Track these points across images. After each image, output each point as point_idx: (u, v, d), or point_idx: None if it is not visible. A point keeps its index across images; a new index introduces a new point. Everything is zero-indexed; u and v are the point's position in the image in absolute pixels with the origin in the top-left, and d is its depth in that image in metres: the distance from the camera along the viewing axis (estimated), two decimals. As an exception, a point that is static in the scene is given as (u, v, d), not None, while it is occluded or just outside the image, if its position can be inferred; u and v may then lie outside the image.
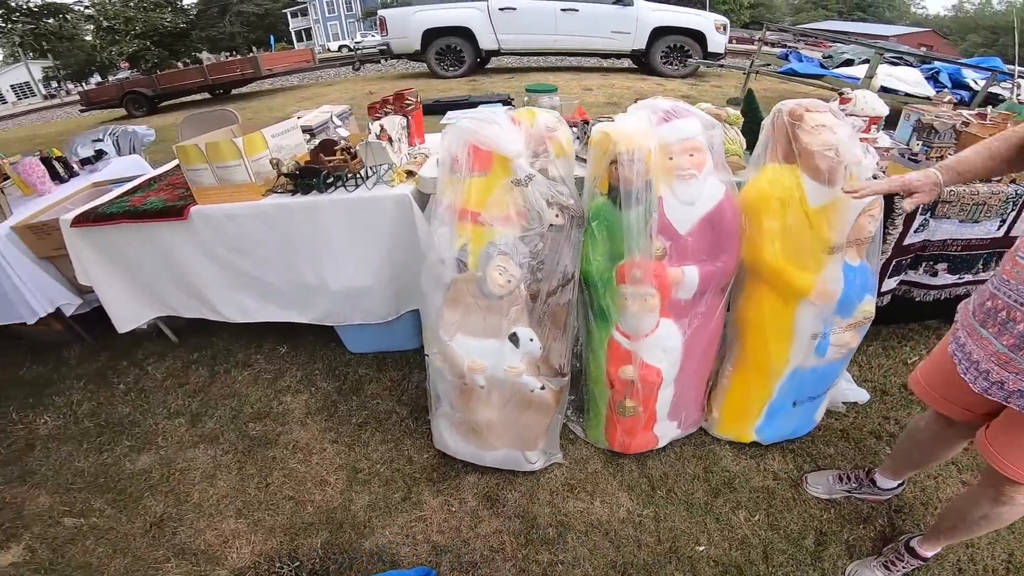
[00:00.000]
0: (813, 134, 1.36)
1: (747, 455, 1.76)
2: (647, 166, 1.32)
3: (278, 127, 1.95)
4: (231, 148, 1.76)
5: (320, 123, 2.33)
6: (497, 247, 1.38)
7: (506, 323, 1.48)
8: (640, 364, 1.54)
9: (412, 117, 2.13)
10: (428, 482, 1.74)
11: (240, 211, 1.86)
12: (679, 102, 1.43)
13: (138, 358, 2.44)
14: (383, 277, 1.95)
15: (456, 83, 7.89)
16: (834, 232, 1.41)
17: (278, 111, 7.66)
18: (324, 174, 1.83)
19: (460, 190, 1.42)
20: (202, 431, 2.01)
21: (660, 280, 1.44)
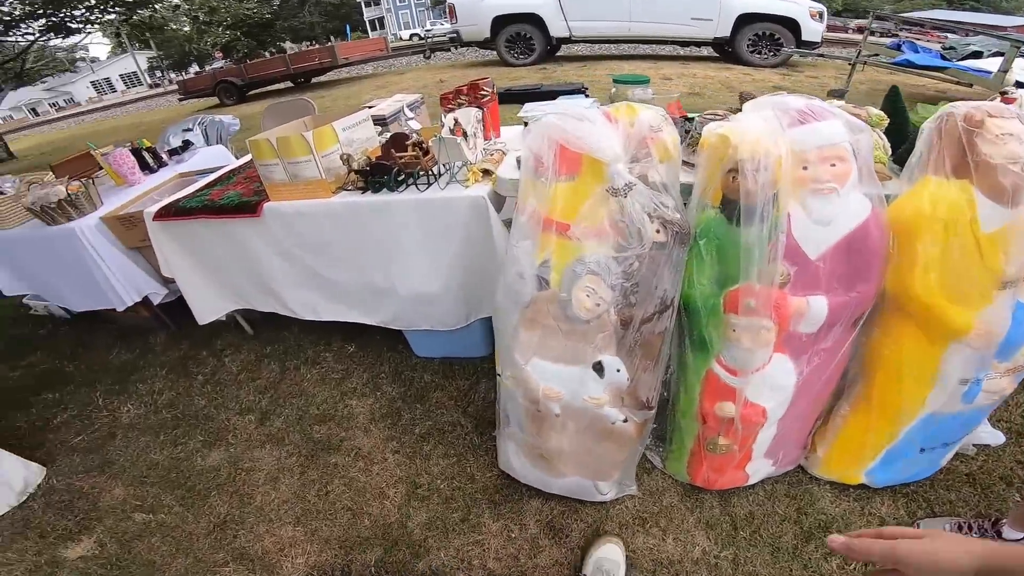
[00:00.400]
0: (996, 144, 1.05)
1: (850, 497, 1.51)
2: (775, 177, 1.07)
3: (349, 119, 1.83)
4: (301, 143, 1.65)
5: (393, 112, 2.21)
6: (586, 265, 1.18)
7: (591, 350, 1.29)
8: (743, 402, 1.31)
9: (488, 109, 1.95)
10: (489, 504, 1.61)
11: (310, 209, 1.77)
12: (814, 100, 1.15)
13: (216, 348, 2.48)
14: (453, 284, 1.80)
15: (526, 71, 7.65)
16: (1011, 263, 1.11)
17: (354, 99, 7.80)
18: (395, 171, 1.70)
19: (544, 196, 1.23)
20: (269, 430, 1.98)
21: (780, 311, 1.18)
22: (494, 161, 1.70)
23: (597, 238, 1.17)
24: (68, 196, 2.08)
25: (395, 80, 9.27)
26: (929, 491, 1.50)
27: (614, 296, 1.21)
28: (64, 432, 2.15)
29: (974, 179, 1.09)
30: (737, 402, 1.31)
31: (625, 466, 1.53)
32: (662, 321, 1.26)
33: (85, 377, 2.48)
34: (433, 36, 13.29)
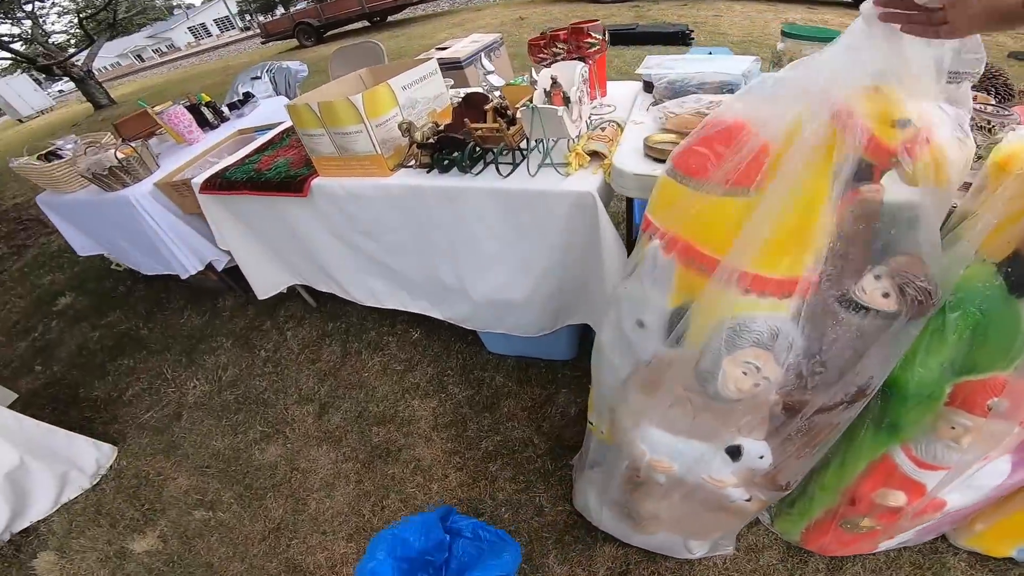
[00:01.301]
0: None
1: (988, 569, 1.19)
2: None
3: (410, 74, 1.39)
4: (349, 110, 1.25)
5: (469, 55, 1.76)
6: (753, 333, 0.74)
7: (728, 433, 0.89)
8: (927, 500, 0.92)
9: (595, 62, 1.43)
10: (556, 544, 1.36)
11: (364, 190, 1.40)
12: None
13: (280, 320, 2.30)
14: (542, 292, 1.40)
15: (617, 8, 6.64)
16: None
17: (428, 39, 7.23)
18: (470, 148, 1.28)
19: (694, 214, 0.79)
20: (327, 427, 1.79)
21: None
22: (607, 138, 1.21)
23: (782, 296, 0.72)
24: (119, 162, 1.82)
25: (472, 17, 8.52)
26: None
27: (783, 376, 0.77)
28: (135, 407, 2.09)
29: None
30: (916, 496, 0.93)
31: (729, 530, 1.21)
32: (849, 411, 0.82)
33: (158, 342, 2.41)
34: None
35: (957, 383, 0.78)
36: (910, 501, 0.95)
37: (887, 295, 0.69)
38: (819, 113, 0.66)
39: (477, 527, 1.21)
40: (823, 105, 0.66)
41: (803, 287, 0.70)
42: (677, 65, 1.28)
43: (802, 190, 0.67)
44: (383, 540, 1.13)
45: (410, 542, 1.13)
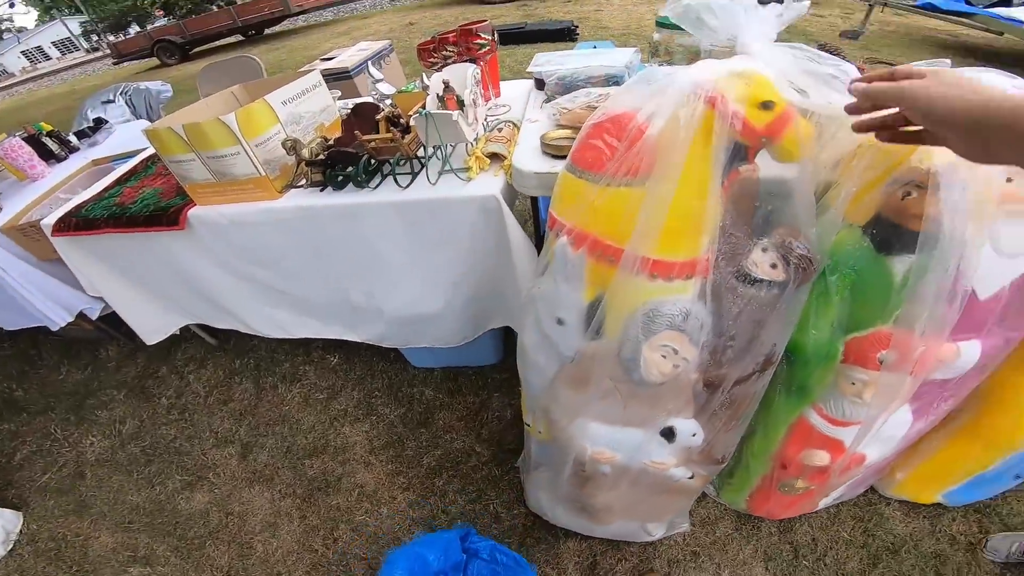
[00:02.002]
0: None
1: (920, 516, 1.33)
2: (983, 195, 0.66)
3: (292, 87, 1.28)
4: (221, 130, 1.12)
5: (357, 64, 1.67)
6: (666, 317, 0.76)
7: (660, 416, 0.91)
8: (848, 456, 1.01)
9: (487, 63, 1.41)
10: (521, 548, 1.36)
11: (251, 216, 1.27)
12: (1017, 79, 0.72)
13: (177, 364, 2.06)
14: (457, 301, 1.36)
15: (505, 9, 6.75)
16: None
17: (312, 49, 6.89)
18: (365, 161, 1.21)
19: (596, 208, 0.79)
20: (255, 467, 1.66)
21: (924, 364, 0.81)
22: (504, 139, 1.19)
23: (684, 278, 0.74)
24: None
25: (359, 25, 8.24)
26: (1002, 506, 1.33)
27: (700, 356, 0.80)
28: (29, 470, 1.83)
29: None
30: (837, 453, 1.00)
31: (680, 509, 1.27)
32: (762, 379, 0.87)
33: (38, 403, 2.09)
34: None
35: (848, 340, 0.85)
36: (833, 459, 1.02)
37: (775, 265, 0.74)
38: (695, 100, 0.68)
39: (495, 549, 1.20)
40: (698, 92, 0.69)
41: (702, 267, 0.73)
42: (565, 61, 1.30)
43: (688, 175, 0.69)
44: (403, 556, 1.10)
45: (428, 561, 1.11)
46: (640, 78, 0.78)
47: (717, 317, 0.78)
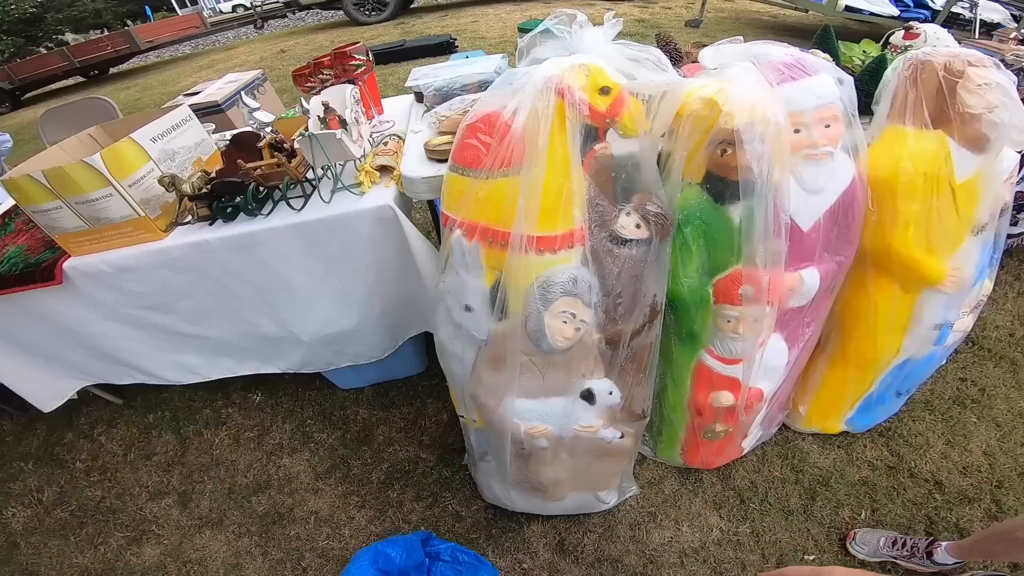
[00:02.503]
0: (977, 94, 0.93)
1: (835, 446, 1.49)
2: (776, 146, 0.83)
3: (159, 124, 1.24)
4: (88, 173, 1.06)
5: (227, 97, 1.62)
6: (559, 285, 0.86)
7: (575, 380, 1.01)
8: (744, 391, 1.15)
9: (365, 82, 1.45)
10: (487, 540, 1.39)
11: (136, 260, 1.21)
12: (798, 51, 0.91)
13: (83, 427, 1.87)
14: (372, 314, 1.38)
15: (383, 28, 6.67)
16: (983, 208, 1.04)
17: (172, 85, 6.33)
18: (252, 188, 1.20)
19: (481, 200, 0.87)
20: (199, 513, 1.56)
21: (776, 293, 0.98)
22: (391, 152, 1.24)
23: (566, 248, 0.84)
24: None
25: (223, 57, 7.66)
26: (900, 426, 1.52)
27: (596, 315, 0.91)
28: None
29: (953, 129, 0.97)
30: (739, 391, 1.15)
31: (624, 471, 1.36)
32: (653, 329, 1.00)
33: None
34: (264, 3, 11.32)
35: (715, 283, 1.01)
36: (736, 396, 1.17)
37: (639, 225, 0.87)
38: (548, 93, 0.79)
39: (456, 550, 1.23)
40: (549, 86, 0.79)
41: (580, 236, 0.84)
42: (440, 72, 1.39)
43: (552, 159, 0.80)
44: (367, 552, 1.15)
45: (392, 557, 1.14)
46: (502, 79, 0.88)
47: (602, 278, 0.89)
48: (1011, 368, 1.68)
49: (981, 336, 1.79)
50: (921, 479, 1.42)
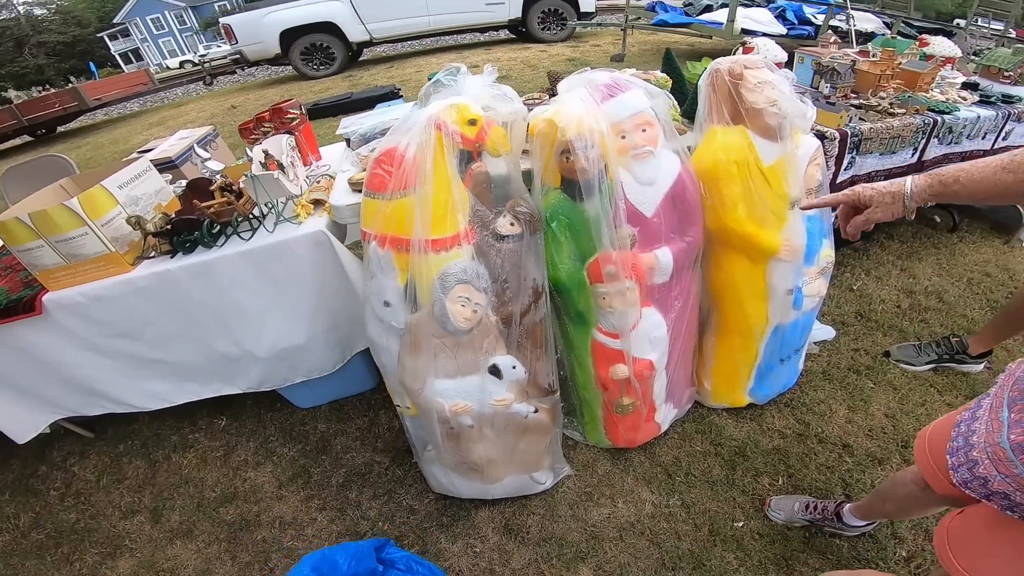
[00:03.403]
0: (757, 92, 1.23)
1: (747, 418, 1.68)
2: (602, 151, 1.12)
3: (124, 174, 1.47)
4: (67, 215, 1.29)
5: (180, 153, 1.85)
6: (453, 276, 1.11)
7: (482, 356, 1.24)
8: (632, 361, 1.37)
9: (300, 133, 1.73)
10: (439, 528, 1.52)
11: (107, 290, 1.42)
12: (616, 72, 1.22)
13: (56, 460, 1.98)
14: (319, 329, 1.60)
15: (332, 81, 7.07)
16: (791, 187, 1.31)
17: (124, 143, 6.46)
18: (207, 224, 1.43)
19: (390, 216, 1.13)
20: (171, 526, 1.67)
21: (636, 270, 1.25)
22: (323, 188, 1.51)
23: (457, 247, 1.11)
24: None
25: (173, 114, 7.82)
26: (802, 396, 1.71)
27: (488, 298, 1.17)
28: None
29: (748, 123, 1.26)
30: (628, 362, 1.37)
31: (552, 451, 1.52)
32: (539, 309, 1.25)
33: None
34: (211, 60, 11.64)
35: (587, 267, 1.26)
36: (630, 367, 1.37)
37: (512, 224, 1.14)
38: (430, 128, 1.07)
39: (411, 560, 1.27)
40: (431, 122, 1.07)
41: (465, 236, 1.10)
42: (365, 120, 1.68)
43: (438, 179, 1.07)
44: (311, 558, 1.14)
45: (338, 564, 1.13)
46: (400, 122, 1.16)
47: (489, 268, 1.15)
48: (900, 336, 1.92)
49: (869, 310, 2.05)
50: (830, 444, 1.57)
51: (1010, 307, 1.61)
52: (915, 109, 1.84)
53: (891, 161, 1.88)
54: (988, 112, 1.93)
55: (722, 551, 1.36)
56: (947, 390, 1.71)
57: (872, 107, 1.81)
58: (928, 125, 1.84)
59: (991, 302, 2.08)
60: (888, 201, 0.83)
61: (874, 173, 1.90)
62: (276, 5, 7.04)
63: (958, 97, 2.02)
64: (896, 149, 1.83)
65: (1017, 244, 2.41)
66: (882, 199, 0.83)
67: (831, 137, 1.70)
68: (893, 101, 1.87)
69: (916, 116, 1.83)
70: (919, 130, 1.83)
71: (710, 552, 1.36)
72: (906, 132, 1.81)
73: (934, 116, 1.85)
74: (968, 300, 2.09)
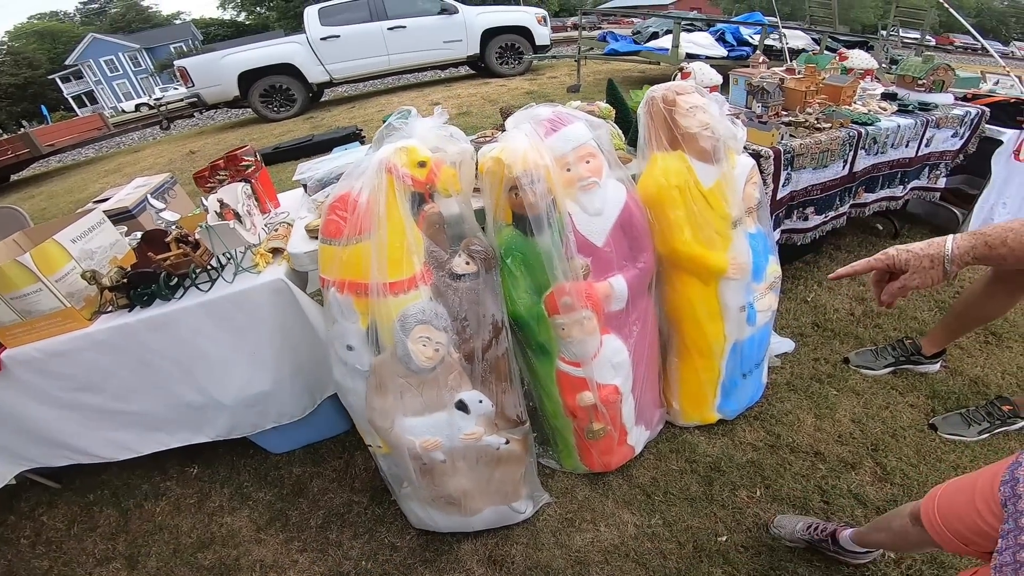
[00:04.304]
0: (690, 116, 1.30)
1: (719, 434, 1.70)
2: (548, 185, 1.17)
3: (77, 227, 1.46)
4: (20, 271, 1.28)
5: (137, 202, 1.83)
6: (412, 317, 1.13)
7: (447, 393, 1.25)
8: (596, 387, 1.40)
9: (256, 180, 1.73)
10: (423, 564, 1.50)
11: (65, 345, 1.39)
12: (558, 107, 1.27)
13: (24, 510, 1.90)
14: (285, 374, 1.58)
15: (293, 123, 7.04)
16: (732, 207, 1.38)
17: (79, 192, 6.25)
18: (164, 277, 1.41)
19: (347, 262, 1.15)
20: (148, 571, 1.61)
21: (592, 300, 1.29)
22: (281, 236, 1.52)
23: (415, 288, 1.13)
24: None
25: (130, 160, 7.63)
26: (770, 408, 1.76)
27: (449, 337, 1.19)
28: None
29: (684, 148, 1.33)
30: (592, 389, 1.39)
31: (528, 480, 1.52)
32: (500, 343, 1.27)
33: None
34: (167, 103, 11.49)
35: (544, 300, 1.29)
36: (595, 393, 1.39)
37: (468, 263, 1.17)
38: (380, 172, 1.10)
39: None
40: (381, 167, 1.10)
41: (422, 277, 1.13)
42: (321, 165, 1.70)
43: (392, 223, 1.10)
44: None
45: None
46: (352, 167, 1.19)
47: (448, 306, 1.17)
48: (857, 343, 2.00)
49: (824, 320, 2.14)
50: (802, 453, 1.60)
51: (956, 307, 1.70)
52: (840, 123, 1.96)
53: (824, 175, 1.99)
54: (907, 121, 2.06)
55: (709, 567, 1.37)
56: (908, 391, 1.78)
57: (800, 123, 1.93)
58: (853, 137, 1.96)
59: (939, 303, 2.19)
60: (926, 265, 0.75)
61: (810, 187, 2.01)
62: (233, 47, 7.05)
63: (879, 108, 2.15)
64: (827, 163, 1.94)
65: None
66: (920, 263, 0.75)
67: (766, 155, 1.80)
68: (819, 116, 1.99)
69: (841, 130, 1.94)
70: (846, 143, 1.95)
71: (697, 569, 1.37)
72: (834, 145, 1.92)
73: (858, 128, 1.96)
74: (917, 303, 2.20)
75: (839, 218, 2.19)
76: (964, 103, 2.31)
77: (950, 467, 1.52)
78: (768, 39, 4.97)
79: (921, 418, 1.69)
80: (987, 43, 3.58)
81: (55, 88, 35.66)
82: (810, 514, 1.44)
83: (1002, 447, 1.58)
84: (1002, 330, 2.03)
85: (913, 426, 1.66)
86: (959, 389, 1.78)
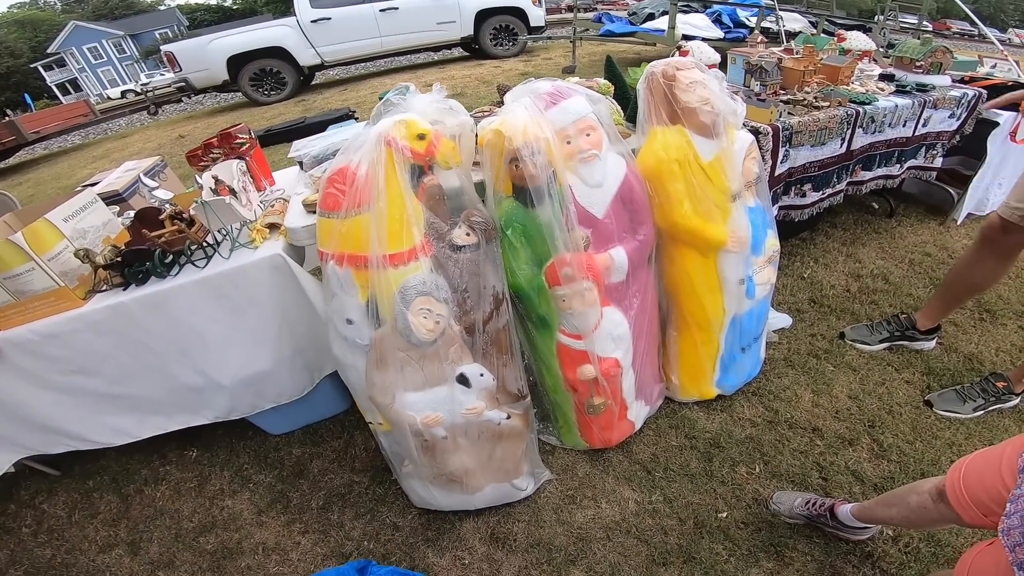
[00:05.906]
0: (690, 91, 1.30)
1: (718, 410, 1.72)
2: (549, 157, 1.17)
3: (68, 206, 1.44)
4: (12, 250, 1.26)
5: (127, 185, 1.80)
6: (413, 288, 1.14)
7: (448, 366, 1.25)
8: (597, 360, 1.40)
9: (251, 158, 1.71)
10: (425, 543, 1.51)
11: (60, 327, 1.37)
12: (558, 81, 1.27)
13: (24, 499, 1.90)
14: (284, 353, 1.57)
15: (284, 107, 6.95)
16: (731, 181, 1.39)
17: (66, 178, 6.17)
18: (159, 254, 1.40)
19: (346, 235, 1.14)
20: (151, 557, 1.61)
21: (592, 271, 1.29)
22: (277, 212, 1.51)
23: (415, 260, 1.13)
24: None
25: (118, 146, 7.52)
26: (768, 384, 1.77)
27: (450, 308, 1.19)
28: None
29: (684, 122, 1.33)
30: (593, 362, 1.40)
31: (529, 457, 1.53)
32: (501, 316, 1.27)
33: None
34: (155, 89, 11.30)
35: (545, 271, 1.29)
36: (596, 367, 1.39)
37: (468, 234, 1.17)
38: (380, 145, 1.09)
39: (396, 573, 1.27)
40: (380, 139, 1.10)
41: (422, 249, 1.13)
42: (316, 142, 1.68)
43: (391, 195, 1.09)
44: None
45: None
46: (350, 141, 1.18)
47: (448, 278, 1.17)
48: (852, 319, 2.02)
49: (821, 296, 2.16)
50: (800, 429, 1.62)
51: (948, 277, 1.73)
52: (838, 102, 1.97)
53: (822, 152, 2.00)
54: (905, 101, 2.08)
55: (710, 543, 1.38)
56: (904, 368, 1.81)
57: (798, 102, 1.94)
58: (851, 116, 1.97)
59: (933, 279, 2.22)
60: None
61: (808, 164, 2.02)
62: (221, 32, 6.93)
63: (876, 88, 2.17)
64: (825, 140, 1.95)
65: (952, 224, 2.59)
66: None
67: (764, 132, 1.80)
68: (817, 95, 2.00)
69: (839, 108, 1.95)
70: (844, 121, 1.96)
71: (698, 545, 1.38)
72: (832, 124, 1.93)
73: (856, 107, 1.98)
74: (912, 279, 2.24)
75: (836, 195, 2.20)
76: (961, 85, 2.32)
77: (945, 444, 1.54)
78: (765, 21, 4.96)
79: (917, 394, 1.72)
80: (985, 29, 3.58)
81: (38, 76, 35.08)
82: (808, 491, 1.45)
83: (997, 424, 1.61)
84: (996, 307, 2.06)
85: (909, 403, 1.69)
86: (954, 366, 1.80)
